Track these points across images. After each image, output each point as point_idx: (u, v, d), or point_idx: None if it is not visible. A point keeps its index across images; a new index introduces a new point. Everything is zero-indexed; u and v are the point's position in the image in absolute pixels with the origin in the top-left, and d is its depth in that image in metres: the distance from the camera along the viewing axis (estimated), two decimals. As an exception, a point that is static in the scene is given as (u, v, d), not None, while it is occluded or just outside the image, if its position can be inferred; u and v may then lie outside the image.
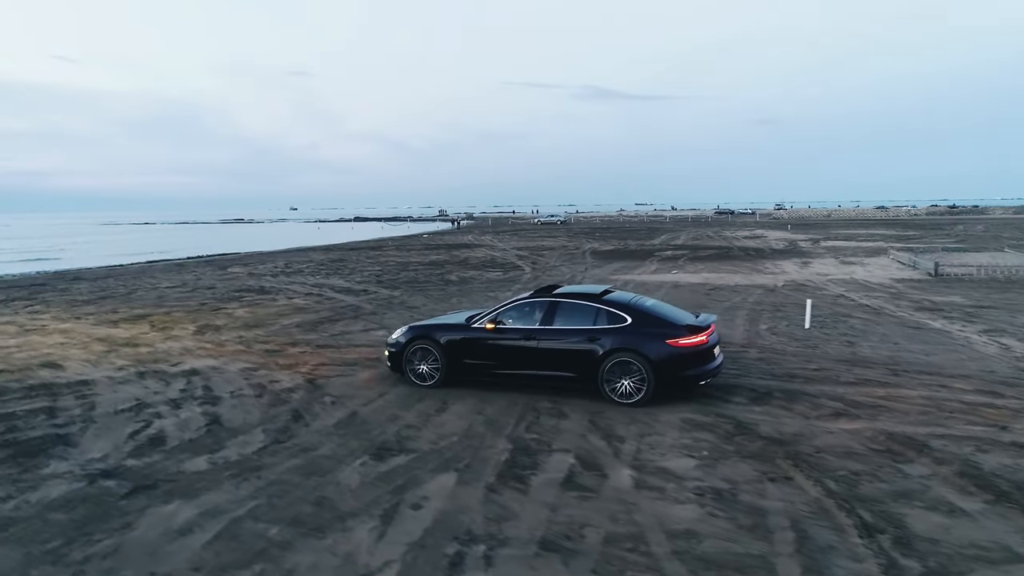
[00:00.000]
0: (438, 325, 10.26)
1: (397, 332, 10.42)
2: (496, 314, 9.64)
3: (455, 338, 9.70)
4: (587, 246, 41.72)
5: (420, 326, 10.33)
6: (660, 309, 9.43)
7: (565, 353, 9.04)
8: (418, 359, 9.81)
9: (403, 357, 9.91)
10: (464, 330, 9.75)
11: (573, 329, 9.08)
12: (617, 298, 9.43)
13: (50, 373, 10.79)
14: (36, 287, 24.59)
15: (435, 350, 9.71)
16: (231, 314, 16.73)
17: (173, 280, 25.54)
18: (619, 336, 8.75)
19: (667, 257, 32.40)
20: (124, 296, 20.74)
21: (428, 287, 21.89)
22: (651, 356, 8.52)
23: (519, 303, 9.73)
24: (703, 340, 8.72)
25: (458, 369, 9.66)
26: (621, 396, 8.65)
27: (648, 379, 8.51)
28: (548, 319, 9.29)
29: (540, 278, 23.96)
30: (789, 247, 38.56)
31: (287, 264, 31.85)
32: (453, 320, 10.38)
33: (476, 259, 33.02)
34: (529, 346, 9.20)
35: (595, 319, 9.05)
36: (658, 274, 24.87)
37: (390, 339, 10.38)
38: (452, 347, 9.67)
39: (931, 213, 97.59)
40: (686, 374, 8.65)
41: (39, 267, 37.60)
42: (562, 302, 9.42)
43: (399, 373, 10.10)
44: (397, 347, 10.03)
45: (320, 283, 23.28)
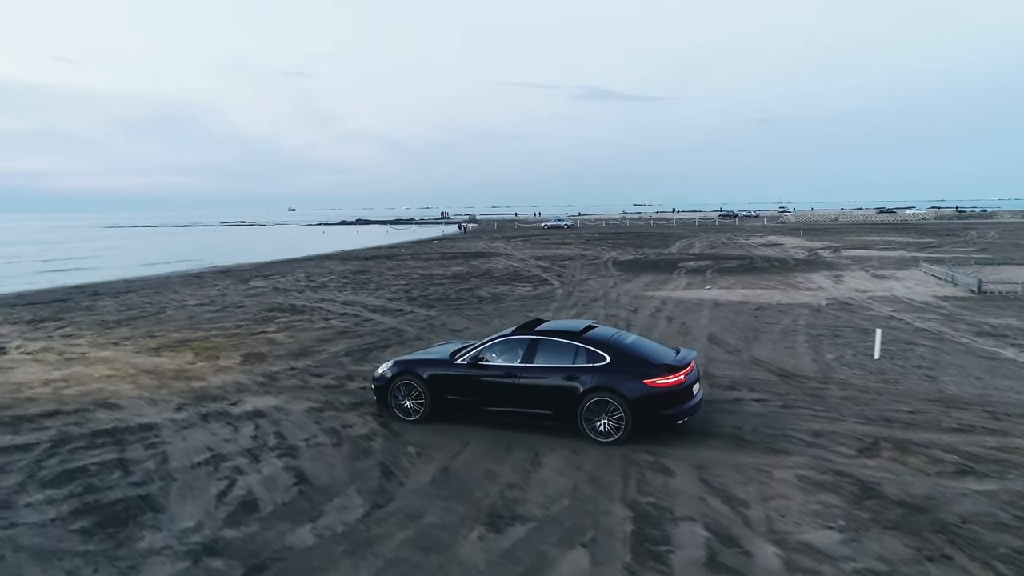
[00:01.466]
0: (422, 360, 10.22)
1: (383, 366, 10.47)
2: (479, 351, 9.67)
3: (438, 373, 9.79)
4: (606, 255, 41.30)
5: (405, 360, 10.36)
6: (640, 347, 9.43)
7: (545, 391, 9.12)
8: (402, 394, 9.91)
9: (388, 392, 10.00)
10: (447, 366, 9.80)
11: (553, 367, 9.16)
12: (597, 336, 9.42)
13: (108, 415, 10.35)
14: (59, 303, 24.14)
15: (419, 385, 9.80)
16: (272, 339, 16.28)
17: (197, 296, 25.09)
18: (597, 375, 8.84)
19: (693, 269, 31.97)
20: (154, 316, 20.28)
21: (462, 305, 21.45)
22: (628, 396, 8.62)
23: (501, 340, 9.74)
24: (680, 379, 8.73)
25: (441, 405, 9.74)
26: (600, 435, 8.76)
27: (626, 418, 8.61)
28: (529, 356, 9.34)
29: (573, 294, 23.53)
30: (811, 257, 38.16)
31: (308, 277, 31.40)
32: (437, 355, 10.35)
33: (498, 271, 32.57)
34: (510, 383, 9.30)
35: (574, 358, 9.10)
36: (691, 290, 24.45)
37: (376, 373, 10.46)
38: (435, 382, 9.76)
39: (939, 217, 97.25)
40: (664, 413, 8.69)
41: (55, 277, 37.12)
42: (543, 340, 9.44)
43: (384, 407, 10.14)
44: (382, 381, 10.12)
45: (351, 300, 22.83)
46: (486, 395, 9.46)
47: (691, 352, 9.62)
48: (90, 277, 36.78)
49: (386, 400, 10.05)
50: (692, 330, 16.69)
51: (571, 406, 8.89)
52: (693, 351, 9.79)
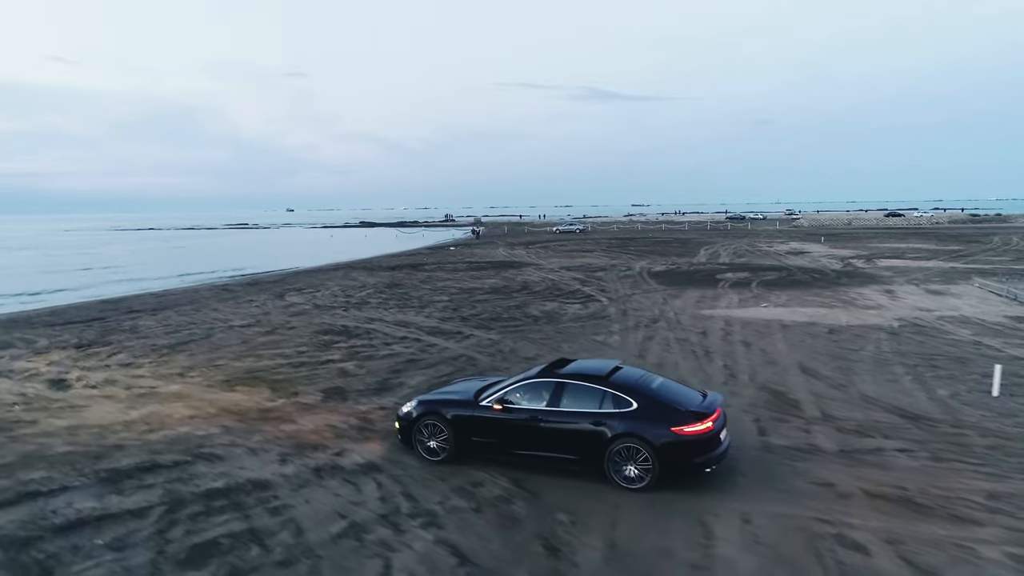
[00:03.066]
0: (447, 400, 10.15)
1: (408, 405, 10.42)
2: (504, 393, 9.60)
3: (463, 415, 9.72)
4: (636, 265, 40.64)
5: (429, 400, 10.33)
6: (667, 391, 9.34)
7: (571, 435, 9.05)
8: (427, 434, 9.87)
9: (412, 431, 9.97)
10: (472, 407, 9.74)
11: (579, 412, 9.09)
12: (624, 380, 9.34)
13: (210, 469, 9.69)
14: (97, 322, 23.47)
15: (443, 426, 9.74)
16: (342, 370, 15.62)
17: (239, 314, 24.40)
18: (625, 421, 8.77)
19: (736, 282, 31.32)
20: (205, 340, 19.60)
21: (520, 327, 20.79)
22: (656, 443, 8.57)
23: (527, 382, 9.63)
24: (709, 427, 8.64)
25: (466, 446, 9.70)
26: (626, 481, 8.70)
27: (654, 465, 8.55)
28: (555, 400, 9.26)
29: (628, 314, 22.88)
30: (848, 268, 37.53)
31: (344, 291, 30.70)
32: (461, 395, 10.24)
33: (536, 284, 31.90)
34: (536, 427, 9.23)
35: (601, 402, 9.03)
36: (747, 307, 23.82)
37: (401, 411, 10.39)
38: (460, 424, 9.69)
39: (953, 222, 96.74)
40: (692, 461, 8.64)
41: (79, 287, 36.39)
42: (569, 383, 9.36)
43: (408, 446, 10.09)
44: (407, 421, 10.10)
45: (402, 321, 22.15)
46: (511, 438, 9.42)
47: (718, 396, 9.57)
48: (115, 290, 36.09)
49: (411, 440, 10.01)
50: (776, 358, 16.05)
51: (598, 451, 8.83)
52: (719, 395, 9.70)
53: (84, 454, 10.38)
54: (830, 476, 9.08)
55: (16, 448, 10.69)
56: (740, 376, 14.49)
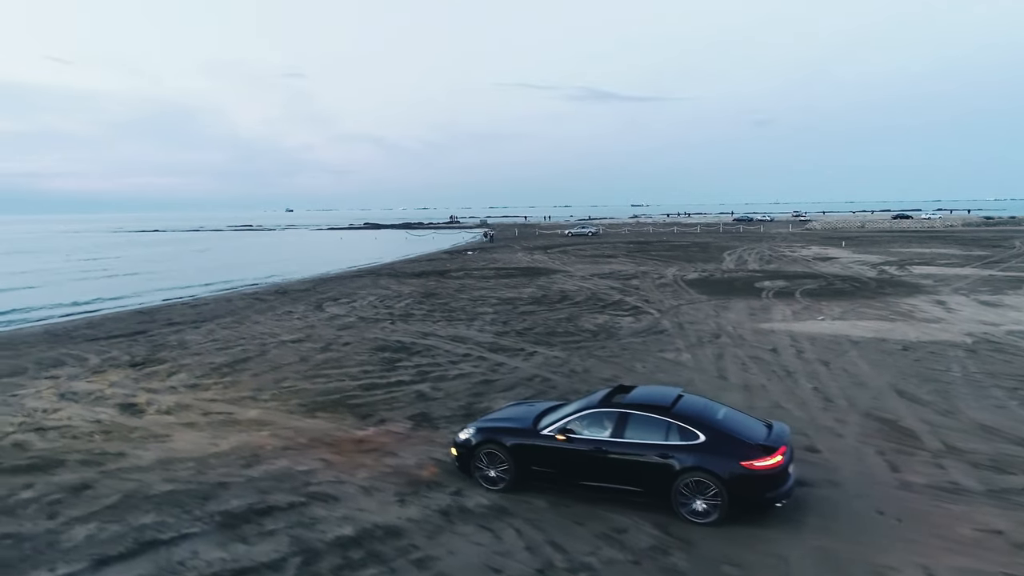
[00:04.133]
0: (506, 428, 10.02)
1: (465, 431, 10.26)
2: (566, 423, 9.49)
3: (523, 444, 9.65)
4: (667, 273, 40.13)
5: (488, 428, 10.14)
6: (733, 423, 9.23)
7: (637, 467, 8.97)
8: (486, 463, 9.79)
9: (471, 460, 9.87)
10: (532, 436, 9.65)
11: (644, 444, 8.99)
12: (689, 411, 9.23)
13: (330, 512, 9.24)
14: (142, 336, 23.01)
15: (503, 454, 9.67)
16: (421, 393, 15.14)
17: (284, 327, 23.90)
18: (692, 454, 8.69)
19: (779, 291, 30.81)
20: (260, 356, 19.12)
21: (581, 342, 20.29)
22: (726, 478, 8.48)
23: (590, 413, 9.50)
24: (779, 462, 8.56)
25: (527, 475, 9.62)
26: (694, 515, 8.62)
27: (723, 499, 8.47)
28: (619, 431, 9.15)
29: (685, 328, 22.38)
30: (885, 275, 37.05)
31: (381, 301, 30.21)
32: (519, 422, 10.14)
33: (574, 293, 31.39)
34: (600, 458, 9.14)
35: (667, 434, 8.94)
36: (802, 321, 23.34)
37: (459, 438, 10.22)
38: (520, 453, 9.62)
39: (967, 224, 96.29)
40: (764, 496, 8.55)
41: (105, 293, 35.82)
42: (633, 414, 9.25)
43: (466, 474, 9.98)
44: (466, 448, 9.97)
45: (457, 336, 21.65)
46: (574, 469, 9.35)
47: (784, 428, 9.47)
48: (147, 298, 35.60)
49: (469, 468, 9.93)
50: (863, 380, 15.57)
51: (664, 484, 8.77)
52: (785, 426, 9.58)
53: (188, 493, 9.89)
54: (993, 522, 8.60)
55: (114, 486, 10.21)
56: (837, 401, 14.00)
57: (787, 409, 13.49)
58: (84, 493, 9.96)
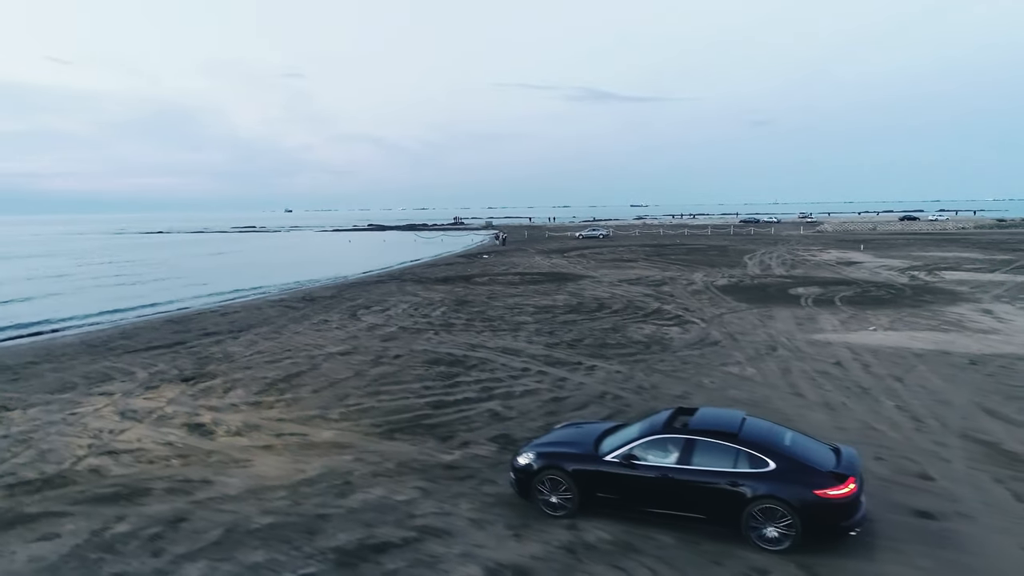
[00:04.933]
0: (567, 454, 9.88)
1: (524, 456, 10.10)
2: (629, 449, 9.38)
3: (586, 470, 9.54)
4: (696, 278, 39.71)
5: (549, 452, 9.98)
6: (801, 449, 9.14)
7: (705, 494, 8.88)
8: (548, 489, 9.67)
9: (532, 485, 9.76)
10: (596, 462, 9.54)
11: (713, 471, 8.89)
12: (756, 437, 9.13)
13: (445, 547, 8.90)
14: (182, 348, 22.60)
15: (565, 480, 9.56)
16: (493, 412, 14.75)
17: (326, 338, 23.49)
18: (764, 483, 8.62)
19: (816, 299, 30.42)
20: (312, 371, 18.72)
21: (637, 355, 19.88)
22: (799, 506, 8.43)
23: (654, 439, 9.39)
24: (853, 490, 8.48)
25: (590, 501, 9.52)
26: (764, 542, 8.56)
27: (796, 527, 8.41)
28: (686, 458, 9.07)
29: (737, 340, 21.98)
30: (917, 282, 36.67)
31: (415, 308, 29.81)
32: (580, 446, 10.02)
33: (609, 301, 30.97)
34: (666, 485, 9.07)
35: (735, 462, 8.87)
36: (854, 331, 22.95)
37: (518, 463, 10.08)
38: (583, 478, 9.52)
39: (979, 227, 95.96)
40: (838, 525, 8.47)
41: (123, 303, 35.36)
42: (699, 440, 9.14)
43: (525, 499, 9.87)
44: (526, 473, 9.86)
45: (507, 348, 21.25)
46: (639, 496, 9.27)
47: (852, 453, 9.34)
48: (168, 304, 35.17)
49: (529, 493, 9.82)
50: (944, 397, 15.19)
51: (734, 512, 8.71)
52: (854, 451, 9.44)
53: (291, 527, 9.50)
54: None
55: (210, 518, 9.82)
56: (927, 421, 13.62)
57: (879, 430, 13.11)
58: (182, 527, 9.57)
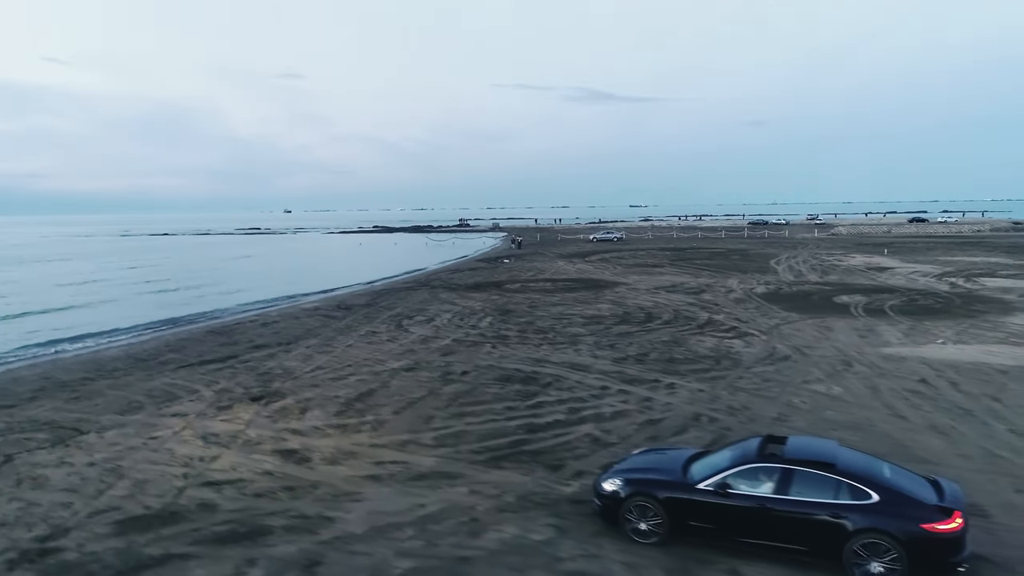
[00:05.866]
0: (658, 481, 9.78)
1: (610, 482, 10.00)
2: (723, 478, 9.26)
3: (677, 498, 9.47)
4: (731, 285, 39.24)
5: (636, 479, 9.91)
6: (902, 481, 9.00)
7: (804, 526, 8.72)
8: (637, 516, 9.60)
9: (620, 512, 9.70)
10: (687, 490, 9.45)
11: (813, 502, 8.75)
12: (855, 468, 9.00)
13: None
14: (235, 361, 22.14)
15: (655, 508, 9.50)
16: (591, 436, 14.27)
17: (381, 350, 22.98)
18: (867, 516, 8.47)
19: (866, 308, 29.94)
20: (383, 389, 18.24)
21: (711, 371, 19.39)
22: (905, 540, 8.27)
23: (750, 469, 9.26)
24: (961, 524, 8.33)
25: (681, 529, 9.43)
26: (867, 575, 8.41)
27: (903, 562, 8.25)
28: (783, 488, 8.94)
29: (807, 354, 21.50)
30: (958, 289, 36.22)
31: (459, 318, 29.31)
32: (668, 473, 9.92)
33: (655, 310, 30.46)
34: (763, 516, 8.92)
35: (836, 493, 8.71)
36: (922, 345, 22.49)
37: (604, 489, 10.00)
38: (674, 506, 9.45)
39: (995, 229, 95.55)
40: (947, 560, 8.28)
41: (166, 310, 34.73)
42: (797, 471, 9.00)
43: (611, 526, 9.81)
44: (614, 500, 9.80)
45: (573, 362, 20.75)
46: (734, 525, 9.14)
47: (955, 487, 9.16)
48: (198, 310, 34.64)
49: (616, 520, 9.76)
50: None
51: (834, 545, 8.56)
52: (956, 486, 9.27)
53: (436, 572, 9.04)
54: None
55: (345, 561, 9.37)
56: (1052, 448, 13.14)
57: (1004, 457, 12.66)
58: (319, 572, 9.07)
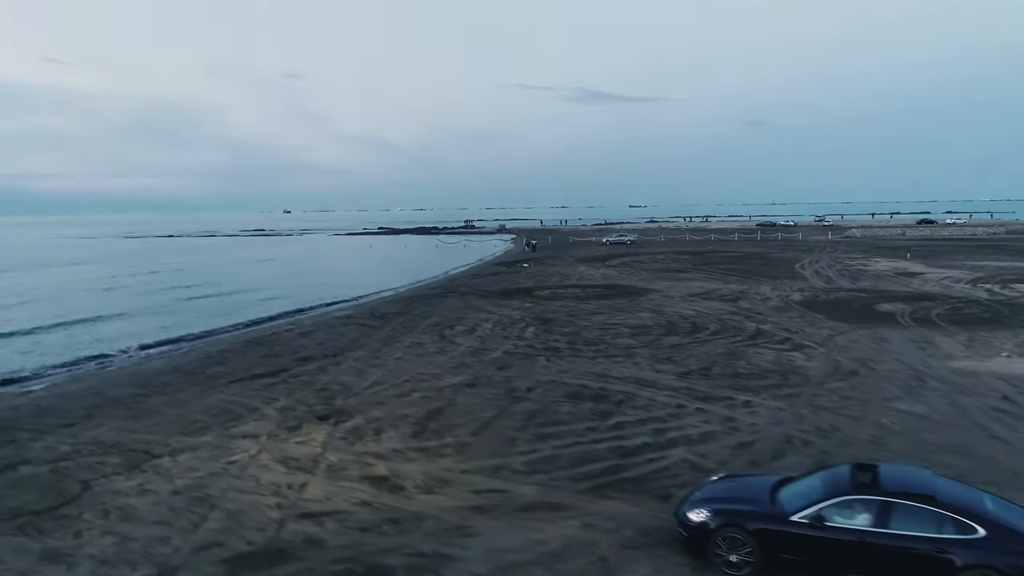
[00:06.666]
0: (748, 512, 9.53)
1: (696, 512, 9.77)
2: (818, 511, 8.98)
3: (770, 529, 9.24)
4: (765, 292, 38.77)
5: (727, 510, 9.62)
6: (1008, 514, 8.77)
7: (906, 561, 8.49)
8: (727, 548, 9.34)
9: (708, 543, 9.44)
10: (779, 521, 9.20)
11: (916, 536, 8.49)
12: (957, 500, 8.80)
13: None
14: (287, 375, 21.66)
15: (746, 539, 9.26)
16: (689, 461, 13.76)
17: (433, 363, 22.49)
18: (975, 551, 8.24)
19: (912, 317, 29.47)
20: (451, 407, 17.74)
21: (782, 386, 18.89)
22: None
23: (845, 501, 9.00)
24: None
25: (773, 562, 9.18)
26: None
27: None
28: (882, 521, 8.66)
29: (874, 368, 21.05)
30: (998, 296, 35.82)
31: (501, 327, 28.79)
32: (756, 503, 9.67)
33: (695, 319, 29.98)
34: (862, 550, 8.69)
35: (939, 527, 8.46)
36: (988, 359, 22.04)
37: (690, 520, 9.75)
38: (767, 539, 9.21)
39: (1011, 232, 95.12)
40: None
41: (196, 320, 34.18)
42: (898, 504, 8.71)
43: (698, 558, 9.55)
44: (702, 531, 9.57)
45: (636, 377, 20.27)
46: (830, 559, 8.91)
47: None
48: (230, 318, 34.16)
49: (704, 551, 9.50)
50: None
51: None
52: None
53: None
54: None
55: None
56: None
57: None
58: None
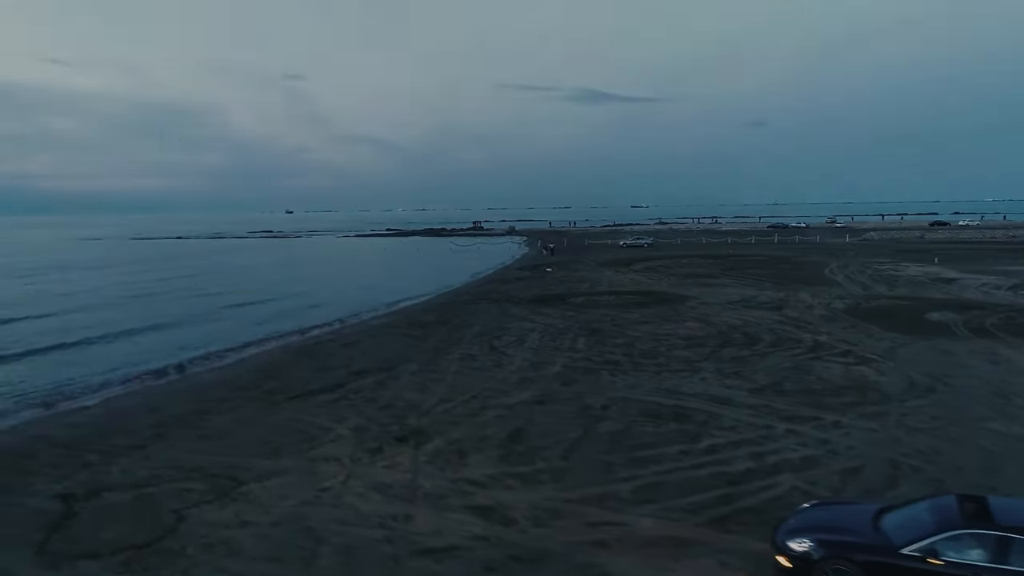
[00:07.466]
0: (856, 544, 9.30)
1: (798, 542, 9.52)
2: (931, 544, 8.79)
3: (880, 562, 9.00)
4: (803, 297, 38.15)
5: (832, 541, 9.43)
6: None
7: None
8: None
9: (814, 575, 9.18)
10: (888, 554, 8.98)
11: None
12: None
13: None
14: (344, 390, 21.19)
15: (853, 571, 9.02)
16: (801, 490, 13.24)
17: (494, 379, 21.99)
18: None
19: (966, 326, 28.91)
20: (530, 427, 17.25)
21: (864, 405, 18.36)
22: None
23: (958, 535, 8.77)
24: None
25: None
26: None
27: None
28: (1000, 556, 8.46)
29: (950, 384, 20.51)
30: (1046, 304, 35.20)
31: (549, 338, 28.31)
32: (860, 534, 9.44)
33: (745, 328, 29.39)
34: None
35: None
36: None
37: (792, 550, 9.49)
38: (874, 570, 8.96)
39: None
40: None
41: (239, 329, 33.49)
42: (1016, 539, 8.49)
43: None
44: (805, 562, 9.32)
45: (711, 395, 19.76)
46: None
47: None
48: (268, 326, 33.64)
49: None
50: None
51: None
52: None
53: None
54: None
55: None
56: None
57: None
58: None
